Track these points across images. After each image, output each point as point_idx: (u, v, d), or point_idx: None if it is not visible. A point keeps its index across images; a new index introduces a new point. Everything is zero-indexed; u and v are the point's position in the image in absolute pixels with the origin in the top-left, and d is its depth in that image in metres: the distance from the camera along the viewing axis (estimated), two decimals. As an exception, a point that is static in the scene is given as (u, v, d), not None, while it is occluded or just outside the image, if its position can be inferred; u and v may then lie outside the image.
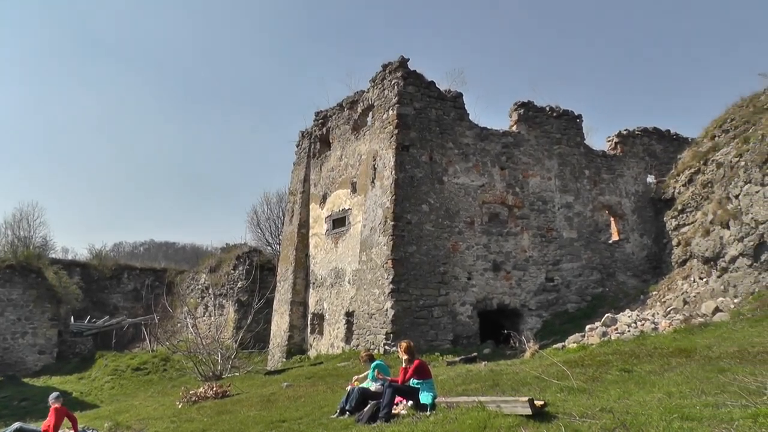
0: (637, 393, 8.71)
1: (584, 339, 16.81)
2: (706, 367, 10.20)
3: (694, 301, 17.67)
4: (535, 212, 21.73)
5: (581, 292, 22.04)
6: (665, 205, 24.37)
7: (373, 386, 10.58)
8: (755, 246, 15.76)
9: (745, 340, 12.27)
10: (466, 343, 19.00)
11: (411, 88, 20.04)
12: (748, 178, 16.31)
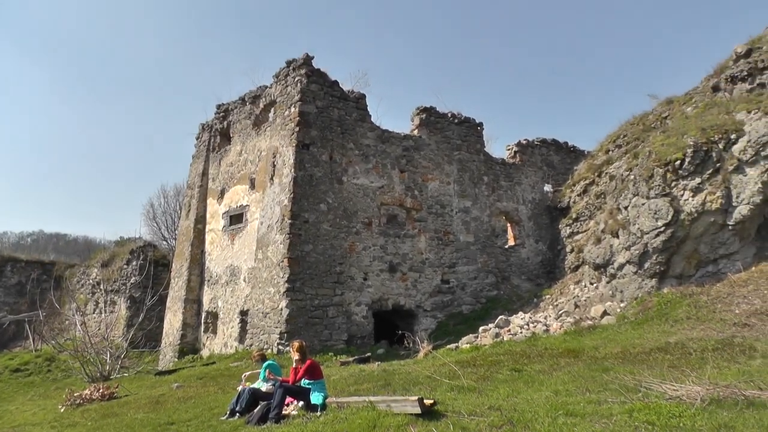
0: (525, 391, 9.24)
1: (477, 340, 17.44)
2: (592, 367, 10.98)
3: (585, 304, 18.67)
4: (433, 215, 22.36)
5: (476, 294, 22.86)
6: (560, 213, 25.72)
7: (264, 386, 10.60)
8: (640, 254, 16.82)
9: (628, 341, 13.29)
10: (361, 343, 19.29)
11: (314, 86, 20.21)
12: (637, 191, 17.36)
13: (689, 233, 16.24)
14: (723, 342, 11.62)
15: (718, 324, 13.29)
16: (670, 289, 16.20)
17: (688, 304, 14.84)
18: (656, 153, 17.42)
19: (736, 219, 15.85)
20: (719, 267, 16.18)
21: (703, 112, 18.54)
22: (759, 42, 18.86)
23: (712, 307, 14.33)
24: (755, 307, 13.50)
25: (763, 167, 15.83)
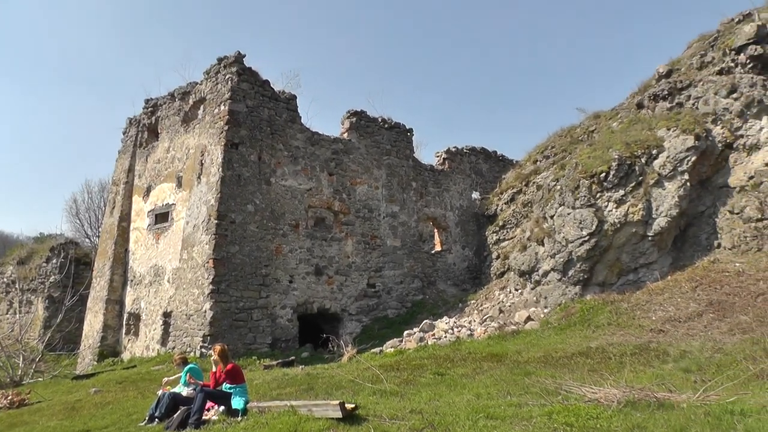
0: (448, 395, 9.50)
1: (402, 344, 17.79)
2: (515, 371, 11.39)
3: (509, 310, 19.25)
4: (360, 219, 22.63)
5: (402, 298, 23.25)
6: (487, 220, 26.43)
7: (185, 391, 10.38)
8: (565, 262, 17.52)
9: (550, 346, 13.83)
10: (285, 346, 19.30)
11: (245, 84, 20.16)
12: (563, 201, 18.08)
13: (612, 243, 17.11)
14: (640, 347, 12.35)
15: (636, 330, 14.08)
16: (593, 296, 17.01)
17: (610, 311, 15.63)
18: (583, 165, 18.25)
19: (655, 230, 16.85)
20: (639, 276, 17.14)
21: (628, 127, 19.55)
22: (678, 63, 20.11)
23: (631, 313, 15.18)
24: (670, 314, 14.42)
25: (680, 182, 16.94)
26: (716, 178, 17.67)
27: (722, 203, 17.26)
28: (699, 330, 13.12)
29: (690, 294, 15.11)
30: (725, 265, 15.85)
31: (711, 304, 14.22)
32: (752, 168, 16.94)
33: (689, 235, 17.71)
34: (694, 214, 17.76)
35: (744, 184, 16.95)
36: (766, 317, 12.58)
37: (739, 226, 16.53)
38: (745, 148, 17.24)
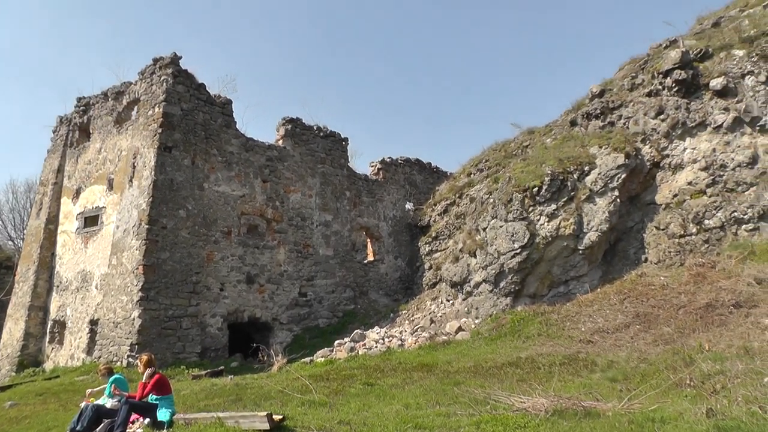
0: (377, 405, 9.61)
1: (332, 354, 17.94)
2: (444, 381, 11.62)
3: (441, 320, 19.62)
4: (293, 227, 22.72)
5: (333, 308, 23.42)
6: (421, 231, 26.89)
7: (109, 402, 10.06)
8: (496, 274, 17.98)
9: (480, 356, 14.12)
10: (215, 356, 19.19)
11: (180, 87, 20.04)
12: (495, 214, 18.58)
13: (543, 256, 17.71)
14: (569, 357, 12.79)
15: (566, 341, 14.59)
16: (524, 307, 17.56)
17: (540, 322, 16.16)
18: (516, 179, 18.85)
19: (586, 244, 17.59)
20: (569, 288, 17.82)
21: (561, 144, 20.34)
22: (611, 84, 21.15)
23: (561, 325, 15.73)
24: (599, 325, 15.04)
25: (611, 198, 17.78)
26: (644, 195, 18.67)
27: (650, 219, 18.23)
28: (626, 341, 13.73)
29: (618, 306, 15.83)
30: (651, 278, 16.72)
31: (638, 315, 14.92)
32: (677, 186, 18.02)
33: (618, 249, 18.60)
34: (624, 230, 18.68)
35: (669, 202, 18.00)
36: (686, 329, 13.25)
37: (664, 241, 17.51)
38: (671, 167, 18.31)
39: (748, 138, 17.31)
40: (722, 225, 16.92)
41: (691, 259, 16.73)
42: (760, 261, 15.25)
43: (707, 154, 17.78)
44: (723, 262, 15.95)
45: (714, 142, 17.76)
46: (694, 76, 18.27)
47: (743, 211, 16.73)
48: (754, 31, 18.19)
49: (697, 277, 15.68)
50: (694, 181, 17.80)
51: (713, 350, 11.08)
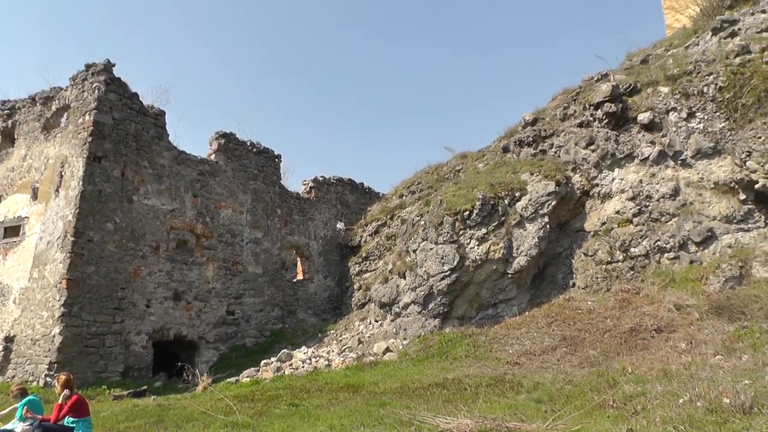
0: (301, 426, 9.78)
1: (258, 374, 17.83)
2: (370, 402, 11.75)
3: (369, 341, 19.82)
4: (223, 244, 22.52)
5: (261, 327, 23.29)
6: (351, 251, 27.14)
7: (20, 427, 9.54)
8: (425, 296, 18.36)
9: (407, 377, 14.34)
10: (138, 375, 18.72)
11: (113, 95, 19.61)
12: (426, 236, 19.01)
13: (473, 279, 18.22)
14: (496, 378, 13.11)
15: (493, 362, 14.99)
16: (452, 329, 17.95)
17: (468, 344, 16.54)
18: (448, 202, 19.35)
19: (515, 268, 18.19)
20: (498, 311, 18.38)
21: (493, 169, 21.02)
22: (543, 113, 22.07)
23: (489, 346, 16.16)
24: (526, 347, 15.57)
25: (541, 224, 18.49)
26: (574, 222, 19.55)
27: (578, 246, 19.07)
28: (552, 363, 14.25)
29: (546, 329, 16.44)
30: (578, 303, 17.47)
31: (564, 339, 15.54)
32: (605, 215, 18.94)
33: (547, 274, 19.34)
34: (553, 255, 19.45)
35: (597, 229, 18.90)
36: (611, 352, 13.92)
37: (591, 267, 18.33)
38: (600, 196, 19.26)
39: (671, 171, 18.42)
40: (647, 253, 17.89)
41: (617, 285, 17.62)
42: (679, 288, 16.19)
43: (634, 184, 18.80)
44: (647, 288, 16.87)
45: (641, 174, 18.82)
46: (623, 109, 19.35)
47: (666, 240, 17.75)
48: (677, 70, 19.41)
49: (623, 303, 16.52)
50: (622, 210, 18.76)
51: (635, 373, 11.67)
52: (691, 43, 21.73)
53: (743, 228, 17.45)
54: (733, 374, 10.40)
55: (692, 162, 18.31)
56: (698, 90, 18.70)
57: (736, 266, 16.16)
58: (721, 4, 22.46)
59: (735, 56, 18.71)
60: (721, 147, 18.02)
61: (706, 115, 18.44)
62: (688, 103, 18.64)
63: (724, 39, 20.47)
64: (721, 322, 13.89)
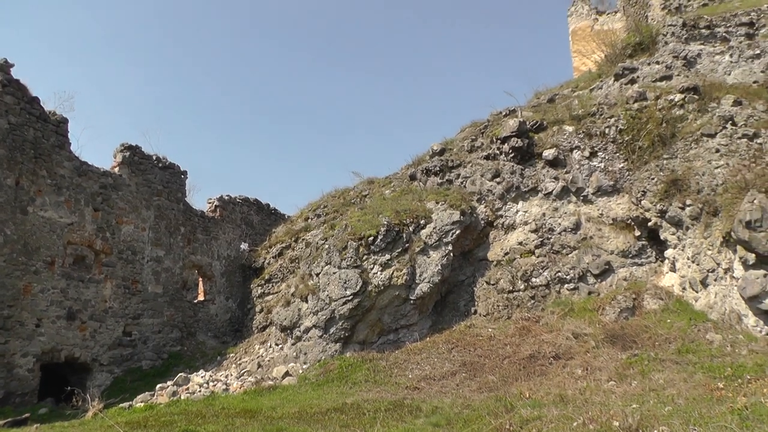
0: None
1: (153, 398, 17.37)
2: (267, 427, 11.68)
3: (268, 365, 19.68)
4: (122, 261, 21.88)
5: (159, 349, 22.72)
6: (254, 273, 26.95)
7: None
8: (327, 320, 18.44)
9: (306, 402, 14.29)
10: (21, 401, 17.58)
11: (9, 98, 18.63)
12: (329, 260, 19.12)
13: (375, 304, 18.46)
14: (395, 403, 13.26)
15: (392, 387, 15.21)
16: (353, 353, 18.11)
17: (368, 368, 16.70)
18: (353, 227, 19.62)
19: (417, 294, 18.59)
20: (399, 336, 18.71)
21: (400, 196, 21.49)
22: (451, 144, 22.83)
23: (389, 371, 16.41)
24: (425, 372, 15.93)
25: (444, 252, 19.02)
26: (477, 251, 20.24)
27: (481, 274, 19.73)
28: (451, 388, 14.63)
29: (446, 355, 16.89)
30: (479, 330, 18.06)
31: (464, 364, 16.01)
32: (508, 245, 19.75)
33: (449, 301, 19.85)
34: (455, 283, 20.00)
35: (500, 259, 19.66)
36: (510, 377, 14.49)
37: (493, 295, 18.99)
38: (504, 227, 20.09)
39: (573, 206, 19.51)
40: (547, 283, 18.78)
41: (517, 313, 18.41)
42: (578, 317, 17.20)
43: (538, 217, 19.74)
44: (546, 317, 17.74)
45: (544, 207, 19.82)
46: (529, 145, 20.34)
47: (566, 272, 18.71)
48: (581, 111, 20.67)
49: (523, 330, 17.28)
50: (525, 241, 19.63)
51: (533, 397, 12.26)
52: (596, 86, 23.16)
53: (637, 262, 18.73)
54: (623, 399, 11.17)
55: (593, 198, 19.55)
56: (600, 131, 19.97)
57: (630, 298, 17.36)
58: (623, 53, 24.14)
59: (634, 102, 20.15)
60: (620, 186, 19.34)
61: (607, 155, 19.74)
62: (591, 143, 19.89)
63: (624, 85, 21.96)
64: (615, 350, 14.88)
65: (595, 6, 41.80)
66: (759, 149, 17.67)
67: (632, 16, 32.64)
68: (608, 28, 34.90)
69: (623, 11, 38.47)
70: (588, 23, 39.84)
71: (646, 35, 23.94)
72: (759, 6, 23.01)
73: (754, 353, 12.95)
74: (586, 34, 37.38)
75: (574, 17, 40.96)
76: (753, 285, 14.17)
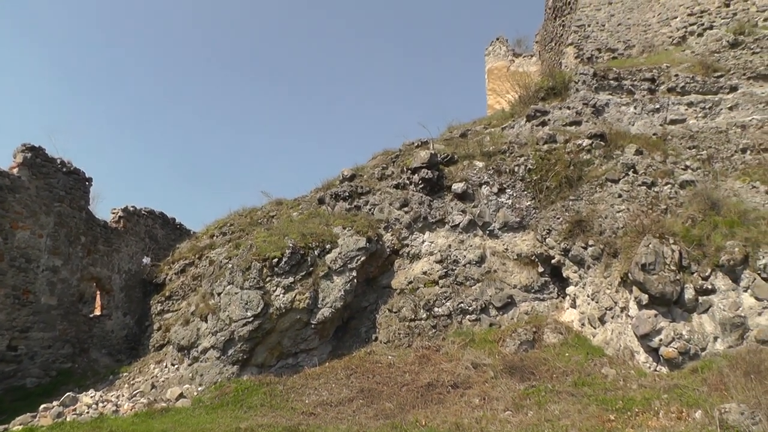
0: None
1: (36, 420, 16.55)
2: None
3: (163, 386, 19.23)
4: (15, 269, 21.02)
5: (47, 366, 21.82)
6: (155, 289, 26.36)
7: None
8: (226, 341, 18.26)
9: (198, 426, 14.11)
10: None
11: None
12: (232, 280, 18.98)
13: (276, 327, 18.40)
14: (290, 428, 13.32)
15: (288, 412, 15.14)
16: (250, 377, 17.97)
17: (264, 393, 16.59)
18: (258, 247, 19.55)
19: (319, 319, 18.64)
20: (298, 360, 18.67)
21: (307, 219, 21.58)
22: (362, 170, 23.22)
23: (286, 396, 16.33)
24: (323, 398, 15.95)
25: (348, 277, 19.23)
26: (382, 278, 20.55)
27: (384, 302, 20.02)
28: (348, 414, 14.70)
29: (344, 381, 16.95)
30: (379, 357, 18.26)
31: (362, 391, 16.09)
32: (412, 274, 20.17)
33: (351, 327, 20.03)
34: (358, 309, 20.22)
35: (404, 287, 20.05)
36: (407, 405, 14.69)
37: (395, 323, 19.30)
38: (409, 256, 20.52)
39: (479, 240, 20.20)
40: (450, 313, 19.29)
41: (418, 341, 18.76)
42: (477, 348, 17.74)
43: (443, 248, 20.30)
44: (447, 346, 18.18)
45: (450, 239, 20.42)
46: (439, 177, 20.97)
47: (469, 303, 19.28)
48: (492, 148, 21.50)
49: (422, 359, 17.62)
50: (429, 271, 20.12)
51: (429, 425, 12.56)
52: (508, 125, 24.12)
53: (539, 297, 19.55)
54: (518, 428, 11.68)
55: (499, 234, 20.32)
56: (510, 169, 20.82)
57: (531, 331, 18.10)
58: (536, 95, 25.32)
59: (544, 143, 21.16)
60: (526, 223, 20.20)
61: (515, 193, 20.60)
62: (500, 180, 20.70)
63: (536, 126, 22.98)
64: (513, 381, 15.42)
65: (512, 48, 43.97)
66: (656, 197, 19.02)
67: (547, 61, 34.46)
68: (523, 70, 36.80)
69: (539, 56, 40.55)
70: (504, 63, 41.86)
71: (559, 81, 25.26)
72: (660, 64, 24.84)
73: (643, 387, 13.91)
74: (502, 74, 39.24)
75: (491, 56, 42.89)
76: (645, 324, 15.39)
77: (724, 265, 15.60)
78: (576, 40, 30.90)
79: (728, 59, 25.21)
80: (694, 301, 15.50)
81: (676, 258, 15.90)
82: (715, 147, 22.45)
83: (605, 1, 31.62)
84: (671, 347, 15.06)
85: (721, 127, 23.15)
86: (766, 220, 17.16)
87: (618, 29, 30.85)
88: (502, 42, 43.26)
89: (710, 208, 17.58)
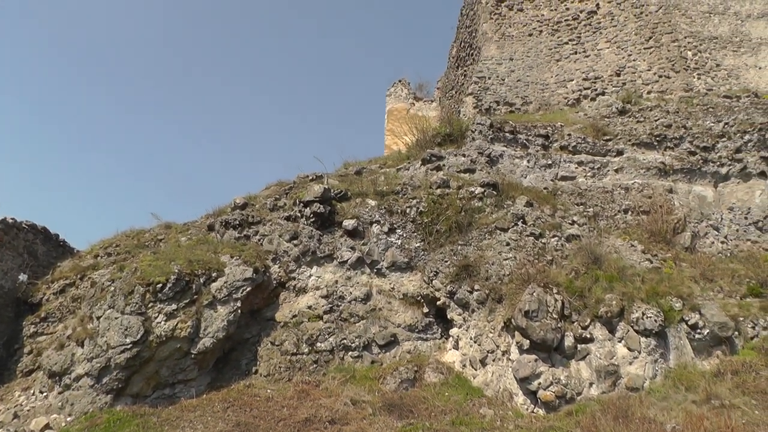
0: None
1: None
2: None
3: (27, 415, 18.31)
4: None
5: None
6: (30, 309, 25.09)
7: None
8: (101, 368, 17.59)
9: None
10: None
11: None
12: (113, 304, 18.43)
13: (155, 355, 17.94)
14: None
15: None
16: (124, 407, 17.38)
17: (137, 424, 16.05)
18: (142, 271, 19.05)
19: (199, 349, 18.30)
20: (176, 391, 18.18)
21: (195, 245, 21.27)
22: (255, 200, 23.28)
23: (160, 428, 15.84)
24: (198, 431, 15.75)
25: (232, 307, 19.09)
26: (266, 311, 20.49)
27: (266, 334, 19.94)
28: (222, 448, 14.49)
29: (221, 414, 16.69)
30: (258, 390, 18.12)
31: (238, 425, 15.85)
32: (297, 308, 20.26)
33: (231, 358, 19.79)
34: (240, 340, 19.99)
35: (288, 321, 20.08)
36: (284, 439, 14.70)
37: (277, 356, 19.27)
38: (295, 289, 20.61)
39: (366, 277, 20.61)
40: (332, 349, 19.47)
41: (299, 376, 18.78)
42: (358, 384, 17.95)
43: (330, 284, 20.57)
44: (327, 382, 18.30)
45: (338, 275, 20.71)
46: (331, 212, 21.32)
47: (352, 339, 19.56)
48: (386, 188, 22.09)
49: (302, 393, 17.65)
50: (314, 306, 20.29)
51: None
52: (403, 166, 24.81)
53: (423, 337, 20.09)
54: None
55: (387, 272, 20.79)
56: (402, 209, 21.45)
57: (412, 370, 18.55)
58: (433, 140, 26.25)
59: (437, 187, 21.92)
60: (414, 264, 20.80)
61: (405, 233, 21.20)
62: (391, 219, 21.26)
63: (430, 170, 23.73)
64: (392, 418, 15.70)
65: (413, 91, 45.43)
66: (543, 248, 20.09)
67: (447, 107, 35.83)
68: (423, 114, 38.13)
69: (439, 102, 42.06)
70: (405, 106, 43.22)
71: (457, 128, 26.33)
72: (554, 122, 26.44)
73: (520, 428, 14.64)
74: (402, 115, 40.47)
75: (392, 98, 44.22)
76: (525, 367, 16.19)
77: (602, 317, 16.87)
78: (476, 90, 32.32)
79: (617, 125, 27.11)
80: (573, 348, 16.54)
81: (558, 307, 16.90)
82: (601, 205, 23.95)
83: (507, 57, 33.38)
84: (549, 390, 15.88)
85: (608, 187, 24.75)
86: (641, 277, 18.71)
87: (517, 85, 32.55)
88: (404, 84, 44.68)
89: (593, 263, 18.92)
